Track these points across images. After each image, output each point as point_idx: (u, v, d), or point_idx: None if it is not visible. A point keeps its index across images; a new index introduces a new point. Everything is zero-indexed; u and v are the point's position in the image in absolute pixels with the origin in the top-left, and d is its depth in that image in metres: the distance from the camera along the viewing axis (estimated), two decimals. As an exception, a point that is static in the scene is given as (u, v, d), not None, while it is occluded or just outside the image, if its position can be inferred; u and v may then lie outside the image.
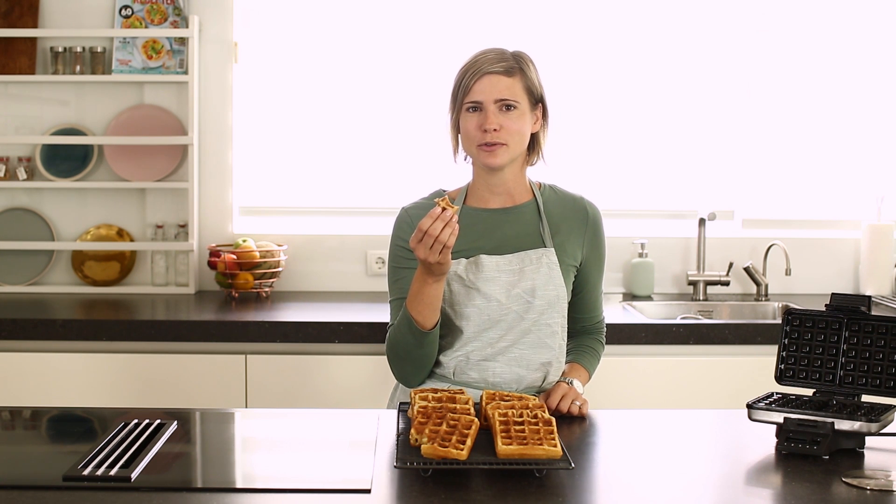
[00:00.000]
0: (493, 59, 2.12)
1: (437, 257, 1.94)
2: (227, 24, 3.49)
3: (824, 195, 3.66)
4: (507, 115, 2.11)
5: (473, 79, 2.11)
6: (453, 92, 2.17)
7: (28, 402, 2.86)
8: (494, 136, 2.10)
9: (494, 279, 2.13)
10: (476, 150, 2.14)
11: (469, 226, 2.18)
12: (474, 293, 2.13)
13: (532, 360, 2.14)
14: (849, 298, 1.88)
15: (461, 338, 2.14)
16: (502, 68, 2.11)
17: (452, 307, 2.15)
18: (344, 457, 1.78)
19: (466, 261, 2.15)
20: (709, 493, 1.62)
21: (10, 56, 3.45)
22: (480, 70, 2.11)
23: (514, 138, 2.12)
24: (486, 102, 2.10)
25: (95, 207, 3.54)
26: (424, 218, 1.94)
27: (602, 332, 2.35)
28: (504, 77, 2.11)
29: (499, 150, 2.11)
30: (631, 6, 3.57)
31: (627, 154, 3.62)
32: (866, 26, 3.60)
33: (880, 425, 1.75)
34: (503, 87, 2.11)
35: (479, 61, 2.13)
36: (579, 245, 2.21)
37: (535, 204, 2.21)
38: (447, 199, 1.95)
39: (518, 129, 2.12)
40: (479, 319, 2.13)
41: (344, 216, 3.60)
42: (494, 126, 2.09)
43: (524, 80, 2.14)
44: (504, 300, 2.13)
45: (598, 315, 2.33)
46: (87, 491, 1.56)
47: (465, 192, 2.24)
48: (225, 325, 2.94)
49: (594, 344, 2.32)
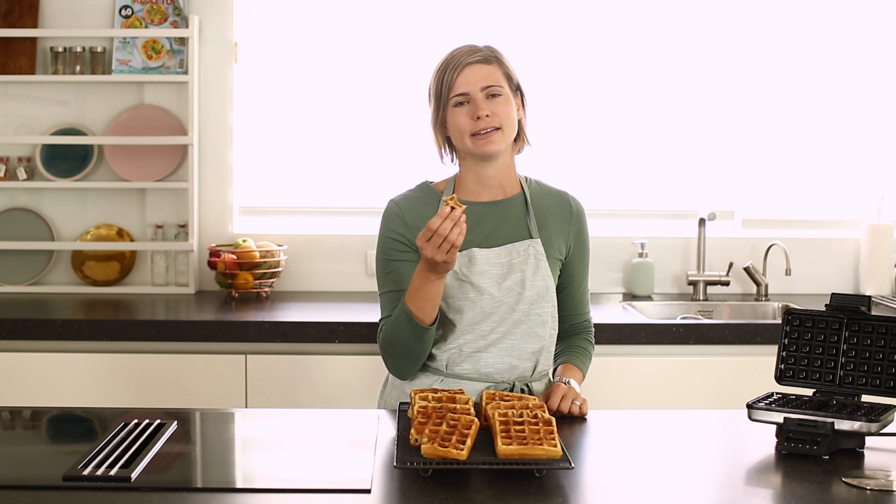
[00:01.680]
0: (468, 51, 2.16)
1: (445, 256, 1.95)
2: (227, 24, 3.49)
3: (824, 195, 3.66)
4: (496, 102, 2.14)
5: (455, 72, 2.14)
6: (436, 91, 2.18)
7: (28, 402, 2.86)
8: (487, 121, 2.12)
9: (486, 273, 2.15)
10: (470, 140, 2.14)
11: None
12: (468, 286, 2.14)
13: (523, 349, 2.15)
14: (849, 298, 1.88)
15: (454, 331, 2.15)
16: (480, 57, 2.15)
17: (446, 301, 2.15)
18: (344, 457, 1.78)
19: (460, 254, 2.15)
20: (709, 493, 1.62)
21: (10, 56, 3.45)
22: (460, 63, 2.14)
23: (506, 122, 2.15)
24: (472, 92, 2.13)
25: (95, 207, 3.54)
26: (434, 217, 1.94)
27: (590, 332, 2.34)
28: (484, 65, 2.15)
29: (494, 136, 2.13)
30: (632, 6, 3.57)
31: (628, 154, 3.62)
32: (866, 26, 3.60)
33: (880, 425, 1.75)
34: (485, 74, 2.14)
35: (455, 56, 2.16)
36: (564, 239, 2.23)
37: (523, 197, 2.23)
38: (455, 199, 1.95)
39: (508, 112, 2.15)
40: (472, 312, 2.14)
41: (344, 216, 3.60)
42: (486, 112, 2.12)
43: (502, 67, 2.18)
44: (496, 293, 2.14)
45: (586, 313, 2.33)
46: (87, 491, 1.56)
47: (452, 184, 2.24)
48: (225, 325, 2.94)
49: (584, 344, 2.31)
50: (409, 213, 2.19)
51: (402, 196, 2.25)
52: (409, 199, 2.23)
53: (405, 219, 2.18)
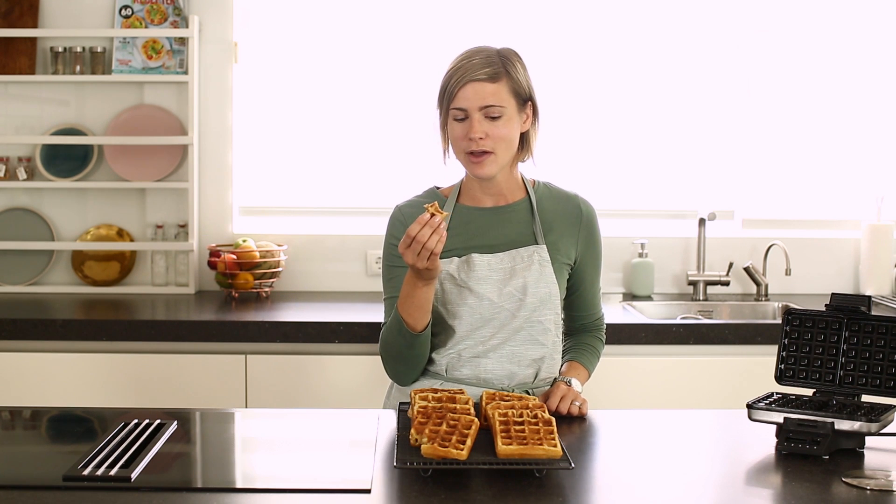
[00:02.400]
0: (479, 64, 2.10)
1: (426, 263, 1.94)
2: (227, 24, 3.49)
3: (824, 195, 3.66)
4: (493, 124, 2.09)
5: (458, 86, 2.09)
6: (440, 94, 2.15)
7: (28, 402, 2.86)
8: (480, 143, 2.09)
9: (486, 278, 2.13)
10: (464, 158, 2.13)
11: (462, 224, 2.18)
12: (466, 292, 2.13)
13: (523, 356, 2.14)
14: (849, 298, 1.88)
15: (454, 336, 2.14)
16: (486, 75, 2.09)
17: (445, 306, 2.15)
18: (344, 457, 1.78)
19: (459, 260, 2.15)
20: (709, 493, 1.62)
21: (10, 56, 3.45)
22: (464, 77, 2.09)
23: (500, 146, 2.10)
24: (470, 110, 2.09)
25: (95, 207, 3.54)
26: (413, 224, 1.94)
27: (601, 330, 2.34)
28: (488, 84, 2.09)
29: (486, 161, 2.10)
30: (632, 6, 3.57)
31: (628, 154, 3.62)
32: (866, 26, 3.60)
33: (880, 425, 1.75)
34: (487, 93, 2.08)
35: (462, 67, 2.10)
36: (573, 244, 2.21)
37: (529, 202, 2.21)
38: (436, 205, 1.95)
39: (504, 135, 2.10)
40: (472, 318, 2.13)
41: (344, 216, 3.60)
42: (480, 135, 2.08)
43: (510, 82, 2.11)
44: (496, 299, 2.12)
45: (597, 312, 2.33)
46: (87, 491, 1.56)
47: (458, 189, 2.23)
48: (225, 325, 2.94)
49: (593, 342, 2.31)
50: (410, 220, 2.17)
51: (407, 202, 2.25)
52: (413, 206, 2.22)
53: (406, 225, 2.16)
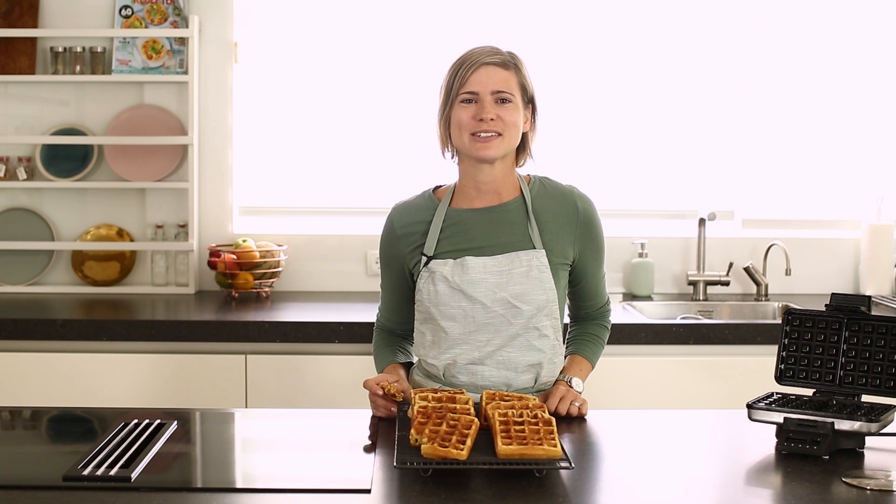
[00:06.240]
0: (490, 51, 2.13)
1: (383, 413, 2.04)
2: (227, 24, 3.49)
3: (824, 195, 3.66)
4: (503, 107, 2.10)
5: (470, 70, 2.10)
6: (447, 86, 2.14)
7: (28, 402, 2.86)
8: (491, 125, 2.08)
9: (481, 281, 2.11)
10: (469, 140, 2.11)
11: (455, 226, 2.17)
12: (459, 295, 2.12)
13: (520, 362, 2.12)
14: (849, 298, 1.88)
15: (447, 339, 2.13)
16: (499, 60, 2.12)
17: (437, 307, 2.14)
18: (344, 457, 1.78)
19: (453, 262, 2.13)
20: (709, 493, 1.62)
21: (10, 56, 3.45)
22: (477, 61, 2.11)
23: (509, 130, 2.11)
24: (482, 93, 2.09)
25: (95, 207, 3.54)
26: (374, 384, 2.04)
27: (606, 316, 2.31)
28: (501, 69, 2.11)
29: (493, 142, 2.10)
30: (632, 6, 3.57)
31: (628, 154, 3.62)
32: (866, 26, 3.60)
33: (880, 425, 1.75)
34: (500, 78, 2.11)
35: (475, 53, 2.13)
36: (570, 242, 2.17)
37: (523, 201, 2.18)
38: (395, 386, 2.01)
39: (513, 120, 2.11)
40: (465, 322, 2.12)
41: (344, 216, 3.61)
42: (491, 115, 2.08)
43: (519, 76, 2.14)
44: (489, 304, 2.10)
45: (602, 300, 2.30)
46: (87, 491, 1.56)
47: (451, 192, 2.21)
48: (225, 325, 2.94)
49: (597, 330, 2.29)
50: (398, 222, 2.21)
51: (403, 202, 2.26)
52: (407, 206, 2.23)
53: (395, 227, 2.22)
